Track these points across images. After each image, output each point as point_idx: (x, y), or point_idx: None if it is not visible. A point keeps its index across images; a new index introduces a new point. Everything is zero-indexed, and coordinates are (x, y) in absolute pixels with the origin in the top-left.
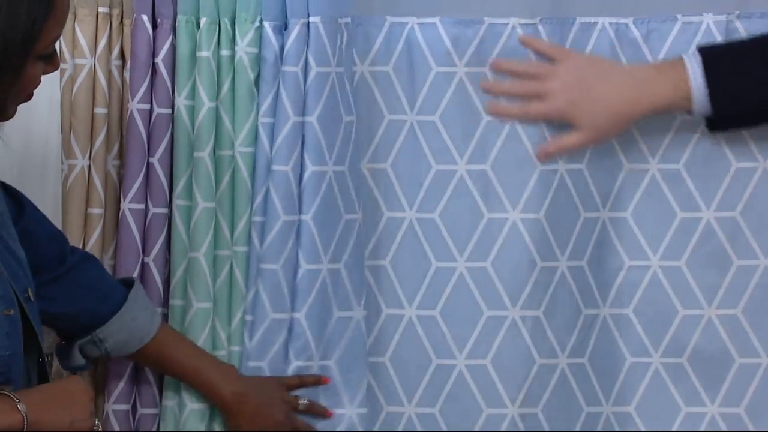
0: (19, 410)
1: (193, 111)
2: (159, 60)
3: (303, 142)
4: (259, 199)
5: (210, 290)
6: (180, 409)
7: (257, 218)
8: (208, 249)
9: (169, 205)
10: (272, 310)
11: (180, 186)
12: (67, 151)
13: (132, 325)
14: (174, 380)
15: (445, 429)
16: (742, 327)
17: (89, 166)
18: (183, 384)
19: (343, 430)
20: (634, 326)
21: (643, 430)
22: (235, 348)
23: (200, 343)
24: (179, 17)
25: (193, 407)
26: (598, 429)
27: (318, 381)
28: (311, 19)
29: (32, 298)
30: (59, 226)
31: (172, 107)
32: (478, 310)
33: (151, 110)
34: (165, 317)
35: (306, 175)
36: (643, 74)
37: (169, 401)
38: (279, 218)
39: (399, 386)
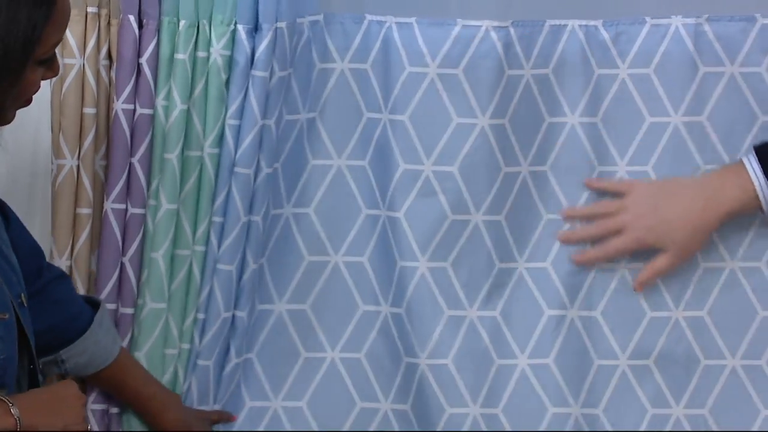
0: (12, 414)
1: (167, 112)
2: (143, 60)
3: (260, 145)
4: (220, 199)
5: (164, 291)
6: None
7: (217, 219)
8: (166, 250)
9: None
10: (225, 309)
11: (152, 187)
12: (56, 151)
13: (94, 348)
14: None
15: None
16: (707, 328)
17: (78, 166)
18: None
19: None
20: (602, 328)
21: (631, 430)
22: (186, 346)
23: (151, 341)
24: (163, 18)
25: None
26: (567, 429)
27: (226, 418)
28: (278, 24)
29: (25, 304)
30: (49, 227)
31: (154, 108)
32: (439, 310)
33: (134, 110)
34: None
35: (260, 177)
36: (708, 183)
37: None
38: (239, 220)
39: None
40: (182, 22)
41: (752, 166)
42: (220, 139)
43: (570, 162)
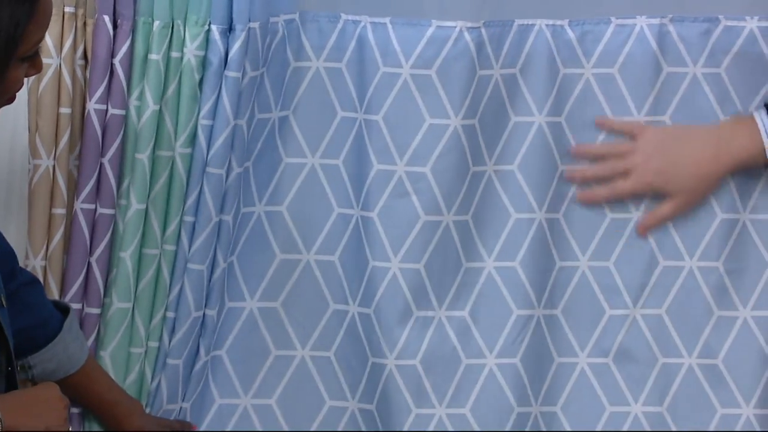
0: None
1: (140, 112)
2: (116, 61)
3: (232, 145)
4: (191, 199)
5: (131, 290)
6: None
7: (188, 218)
8: (134, 250)
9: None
10: (195, 308)
11: (123, 187)
12: (33, 151)
13: (62, 355)
14: None
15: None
16: (665, 327)
17: (54, 166)
18: None
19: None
20: (562, 326)
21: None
22: (153, 344)
23: (116, 340)
24: (138, 18)
25: None
26: (527, 429)
27: (188, 428)
28: (251, 24)
29: (4, 305)
30: (26, 227)
31: (127, 108)
32: (409, 311)
33: (106, 111)
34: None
35: (231, 177)
36: (719, 132)
37: None
38: (211, 220)
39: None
40: (156, 23)
41: (763, 120)
42: (193, 139)
43: (535, 161)
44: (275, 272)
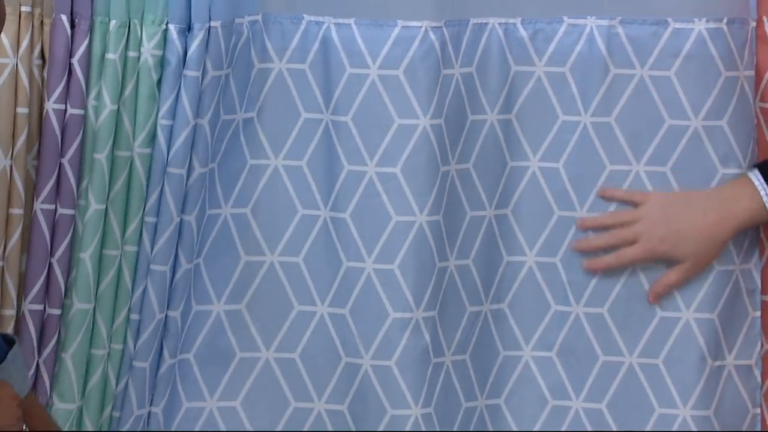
0: None
1: (97, 112)
2: (75, 60)
3: (193, 144)
4: (152, 199)
5: (91, 291)
6: (48, 408)
7: (150, 219)
8: (94, 250)
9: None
10: (159, 310)
11: (82, 187)
12: None
13: None
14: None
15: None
16: (606, 326)
17: (11, 166)
18: (55, 383)
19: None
20: (509, 320)
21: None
22: (117, 346)
23: (77, 342)
24: (95, 18)
25: (59, 406)
26: (472, 424)
27: None
28: (212, 24)
29: None
30: None
31: (85, 108)
32: (385, 313)
33: (65, 111)
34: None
35: (192, 177)
36: (720, 195)
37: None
38: (173, 221)
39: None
40: (113, 22)
41: (759, 179)
42: (152, 139)
43: (488, 159)
44: (240, 274)
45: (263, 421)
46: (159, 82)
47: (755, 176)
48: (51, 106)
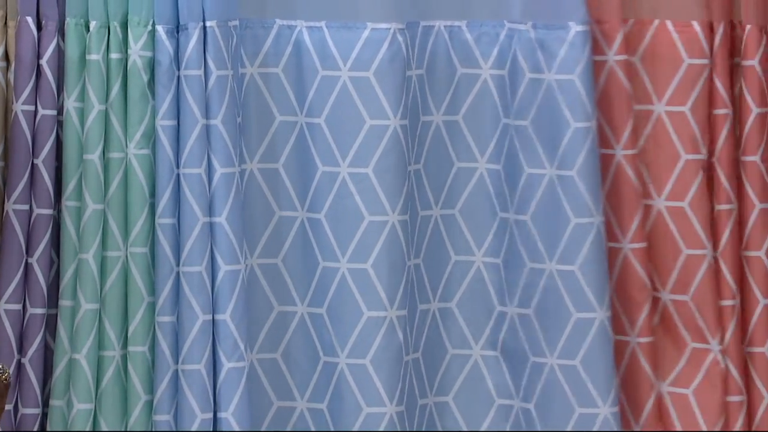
0: None
1: (82, 113)
2: (43, 62)
3: (209, 145)
4: (164, 200)
5: (97, 291)
6: (68, 408)
7: (165, 220)
8: (96, 250)
9: (57, 206)
10: (203, 312)
11: (70, 188)
12: None
13: None
14: (61, 381)
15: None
16: (533, 327)
17: None
18: (71, 384)
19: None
20: (457, 319)
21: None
22: (137, 348)
23: (88, 342)
24: (68, 20)
25: (80, 407)
26: (424, 422)
27: None
28: (207, 23)
29: None
30: None
31: (59, 109)
32: (359, 312)
33: (35, 112)
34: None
35: (216, 178)
36: None
37: (57, 401)
38: (198, 220)
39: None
40: (93, 23)
41: None
42: (149, 140)
43: (435, 160)
44: (221, 283)
45: (247, 422)
46: (149, 83)
47: None
48: (20, 107)
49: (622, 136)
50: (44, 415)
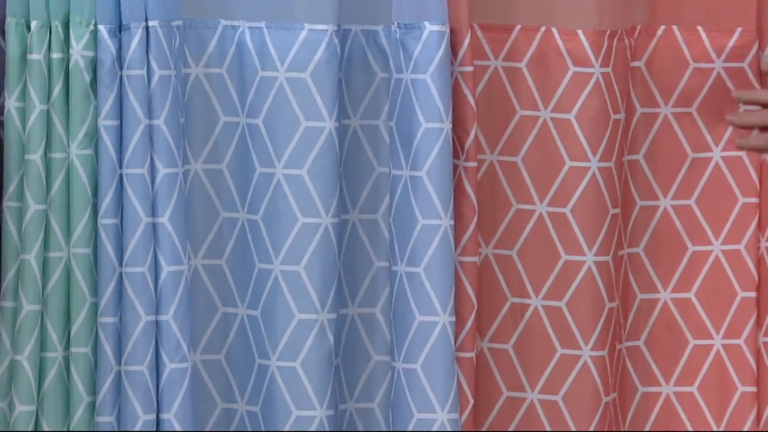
0: None
1: (24, 113)
2: None
3: (152, 145)
4: (107, 201)
5: (39, 292)
6: (10, 410)
7: (108, 221)
8: (38, 251)
9: None
10: (146, 312)
11: (11, 188)
12: None
13: None
14: (3, 382)
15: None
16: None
17: None
18: (13, 386)
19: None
20: (381, 326)
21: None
22: (80, 349)
23: (30, 344)
24: (8, 19)
25: (22, 409)
26: (344, 426)
27: None
28: (150, 23)
29: None
30: None
31: (5, 110)
32: (290, 314)
33: None
34: None
35: (159, 178)
36: None
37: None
38: (141, 221)
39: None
40: (34, 23)
41: None
42: (91, 140)
43: (355, 165)
44: (164, 282)
45: (190, 424)
46: (92, 83)
47: None
48: None
49: (498, 142)
50: None
